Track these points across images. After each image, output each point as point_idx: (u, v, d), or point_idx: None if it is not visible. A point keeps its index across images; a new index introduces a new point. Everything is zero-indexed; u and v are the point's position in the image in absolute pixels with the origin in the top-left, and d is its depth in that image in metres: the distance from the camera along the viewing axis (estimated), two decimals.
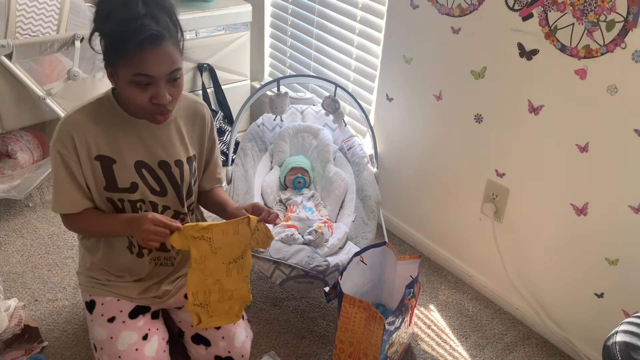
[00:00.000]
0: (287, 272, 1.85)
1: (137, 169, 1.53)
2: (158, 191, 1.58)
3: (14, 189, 2.37)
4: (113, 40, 1.34)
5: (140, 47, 1.31)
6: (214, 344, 1.66)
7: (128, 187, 1.53)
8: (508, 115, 1.94)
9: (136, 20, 1.30)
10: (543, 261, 2.00)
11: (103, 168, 1.50)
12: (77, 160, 1.48)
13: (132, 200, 1.55)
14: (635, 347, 1.26)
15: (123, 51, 1.32)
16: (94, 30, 1.39)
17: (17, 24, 2.15)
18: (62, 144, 1.46)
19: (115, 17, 1.31)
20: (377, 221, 2.08)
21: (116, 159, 1.50)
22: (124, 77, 1.36)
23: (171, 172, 1.58)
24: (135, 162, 1.53)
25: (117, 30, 1.31)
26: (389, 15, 2.26)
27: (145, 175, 1.55)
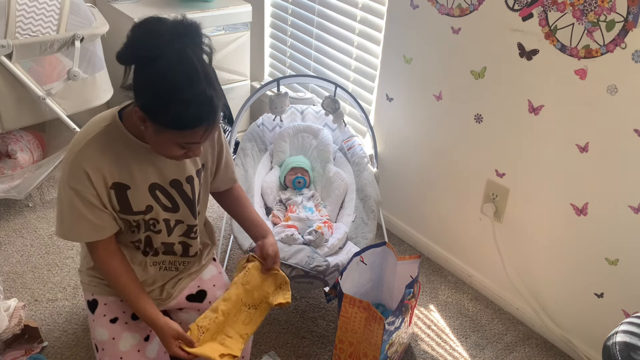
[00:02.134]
0: (287, 272, 1.85)
1: (151, 192, 1.51)
2: (170, 208, 1.56)
3: (14, 189, 2.37)
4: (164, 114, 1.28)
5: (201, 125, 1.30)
6: None
7: (143, 210, 1.51)
8: (508, 115, 1.94)
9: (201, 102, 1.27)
10: (543, 261, 2.00)
11: (117, 195, 1.46)
12: (95, 193, 1.42)
13: (146, 220, 1.53)
14: (635, 347, 1.26)
15: (181, 125, 1.29)
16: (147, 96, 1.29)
17: (17, 24, 2.15)
18: (77, 181, 1.40)
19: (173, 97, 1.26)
20: (377, 221, 2.08)
21: (130, 185, 1.47)
22: (168, 138, 1.33)
23: (183, 190, 1.56)
24: (149, 186, 1.50)
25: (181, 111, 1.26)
26: (389, 15, 2.26)
27: (159, 196, 1.52)
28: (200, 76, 1.26)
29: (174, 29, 1.27)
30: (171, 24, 1.27)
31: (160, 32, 1.26)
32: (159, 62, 1.25)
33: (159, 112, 1.28)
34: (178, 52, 1.25)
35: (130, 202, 1.48)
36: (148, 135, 1.37)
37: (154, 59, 1.25)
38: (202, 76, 1.27)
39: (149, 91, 1.28)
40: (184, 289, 1.70)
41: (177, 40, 1.26)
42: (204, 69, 1.28)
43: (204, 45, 1.32)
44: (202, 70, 1.27)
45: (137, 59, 1.28)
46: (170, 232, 1.59)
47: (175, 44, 1.25)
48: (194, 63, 1.26)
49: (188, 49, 1.26)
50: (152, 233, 1.57)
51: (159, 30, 1.26)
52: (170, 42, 1.25)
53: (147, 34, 1.27)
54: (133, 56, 1.29)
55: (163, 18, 1.30)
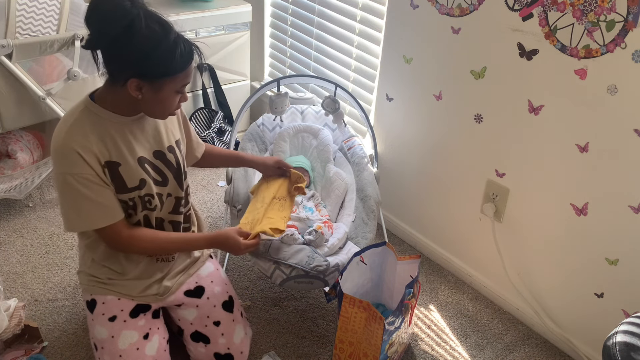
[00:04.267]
0: (287, 272, 1.85)
1: (141, 165, 1.54)
2: (160, 181, 1.60)
3: (14, 189, 2.37)
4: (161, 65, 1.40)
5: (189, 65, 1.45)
6: (213, 341, 1.67)
7: (137, 185, 1.54)
8: (508, 115, 1.94)
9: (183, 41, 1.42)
10: (543, 261, 2.00)
11: (111, 174, 1.49)
12: (93, 171, 1.45)
13: (141, 196, 1.56)
14: (635, 347, 1.26)
15: (174, 70, 1.42)
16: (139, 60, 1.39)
17: (17, 24, 2.15)
18: (72, 164, 1.43)
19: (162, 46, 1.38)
20: (377, 221, 2.08)
21: (120, 161, 1.50)
22: (170, 89, 1.45)
23: (167, 160, 1.61)
24: (138, 159, 1.54)
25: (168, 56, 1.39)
26: (389, 15, 2.26)
27: (148, 169, 1.56)
28: (167, 22, 1.41)
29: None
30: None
31: (117, 5, 1.34)
32: (134, 27, 1.34)
33: (155, 67, 1.39)
34: (141, 10, 1.36)
35: (124, 179, 1.52)
36: (147, 100, 1.45)
37: (128, 26, 1.34)
38: (165, 21, 1.41)
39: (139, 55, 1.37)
40: (182, 285, 1.70)
41: (134, 5, 1.36)
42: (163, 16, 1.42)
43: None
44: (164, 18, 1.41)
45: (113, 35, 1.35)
46: (162, 206, 1.63)
47: (133, 7, 1.35)
48: (158, 14, 1.40)
49: (144, 7, 1.38)
50: (149, 211, 1.60)
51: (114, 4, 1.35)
52: (130, 6, 1.35)
53: (110, 11, 1.35)
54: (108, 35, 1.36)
55: None
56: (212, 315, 1.69)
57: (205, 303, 1.70)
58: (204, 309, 1.69)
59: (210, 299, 1.71)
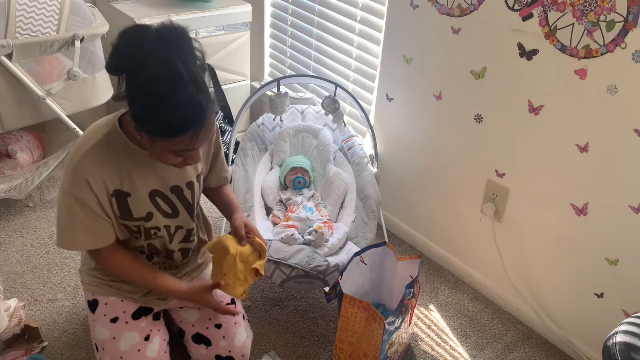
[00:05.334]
0: (287, 272, 1.85)
1: (151, 199, 1.51)
2: (170, 214, 1.56)
3: (14, 189, 2.37)
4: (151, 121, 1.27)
5: (189, 131, 1.28)
6: (214, 343, 1.66)
7: (144, 217, 1.52)
8: (508, 115, 1.94)
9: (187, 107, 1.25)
10: (543, 261, 2.00)
11: (118, 202, 1.46)
12: (97, 200, 1.43)
13: (147, 227, 1.54)
14: (635, 348, 1.26)
15: (162, 132, 1.28)
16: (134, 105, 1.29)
17: (17, 24, 2.15)
18: (79, 189, 1.40)
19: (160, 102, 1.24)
20: (377, 221, 2.08)
21: (130, 192, 1.47)
22: (162, 147, 1.32)
23: (183, 195, 1.56)
24: (149, 192, 1.50)
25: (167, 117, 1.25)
26: (389, 15, 2.26)
27: (159, 203, 1.53)
28: (185, 81, 1.23)
29: (157, 36, 1.25)
30: (154, 31, 1.26)
31: (143, 40, 1.25)
32: (143, 71, 1.23)
33: (146, 120, 1.27)
34: (161, 58, 1.23)
35: (131, 209, 1.49)
36: (145, 144, 1.37)
37: (138, 67, 1.24)
38: (187, 81, 1.24)
39: (137, 100, 1.28)
40: None
41: (160, 47, 1.24)
42: (191, 73, 1.25)
43: (193, 49, 1.29)
44: (188, 75, 1.24)
45: (123, 68, 1.28)
46: (172, 238, 1.60)
47: (159, 50, 1.24)
48: (178, 68, 1.23)
49: (173, 54, 1.24)
50: (153, 241, 1.58)
51: (141, 38, 1.25)
52: (153, 50, 1.24)
53: (130, 43, 1.26)
54: (119, 66, 1.28)
55: (147, 25, 1.29)
56: (213, 318, 1.69)
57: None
58: (206, 311, 1.69)
59: None
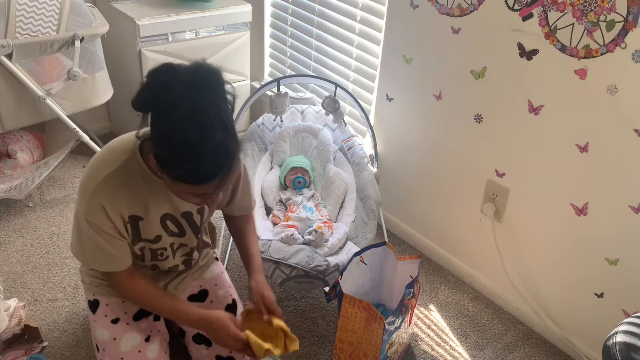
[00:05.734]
0: (287, 272, 1.85)
1: (162, 222, 1.50)
2: (177, 233, 1.55)
3: (14, 189, 2.37)
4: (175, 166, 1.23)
5: (216, 179, 1.25)
6: (214, 343, 1.66)
7: (152, 239, 1.51)
8: (508, 115, 1.94)
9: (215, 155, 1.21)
10: (543, 261, 2.00)
11: (131, 226, 1.46)
12: (112, 225, 1.41)
13: (152, 249, 1.53)
14: (635, 348, 1.26)
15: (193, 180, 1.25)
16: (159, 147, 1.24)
17: (17, 24, 2.15)
18: (95, 216, 1.39)
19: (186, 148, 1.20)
20: (377, 221, 2.08)
21: (143, 216, 1.45)
22: (183, 189, 1.29)
23: (193, 220, 1.56)
24: (161, 217, 1.48)
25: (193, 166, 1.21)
26: (389, 15, 2.26)
27: (168, 225, 1.52)
28: (214, 128, 1.20)
29: (189, 78, 1.21)
30: (186, 74, 1.21)
31: (174, 83, 1.20)
32: (172, 116, 1.19)
33: (171, 165, 1.24)
34: (192, 104, 1.19)
35: (141, 231, 1.47)
36: (165, 182, 1.34)
37: (167, 110, 1.20)
38: (217, 127, 1.20)
39: (162, 144, 1.24)
40: (186, 289, 1.70)
41: (191, 92, 1.19)
42: (220, 118, 1.21)
43: (225, 91, 1.25)
44: (218, 121, 1.21)
45: (150, 108, 1.24)
46: (174, 255, 1.59)
47: (190, 94, 1.19)
48: (208, 115, 1.19)
49: (204, 99, 1.20)
50: (158, 261, 1.58)
51: (172, 80, 1.21)
52: (184, 93, 1.19)
53: (161, 83, 1.21)
54: (147, 107, 1.24)
55: (178, 66, 1.24)
56: None
57: (208, 306, 1.69)
58: None
59: (213, 303, 1.70)
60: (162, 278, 1.67)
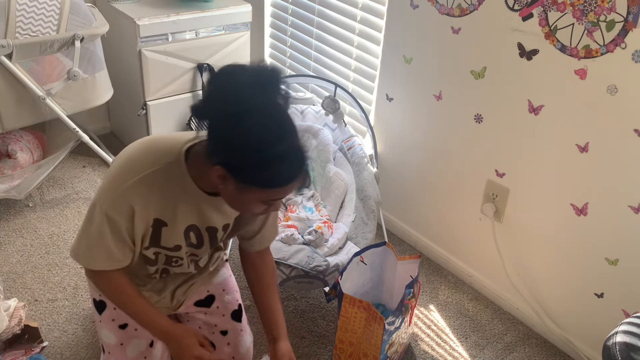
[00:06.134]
0: (287, 272, 1.85)
1: (185, 233, 1.41)
2: (195, 245, 1.47)
3: (14, 189, 2.37)
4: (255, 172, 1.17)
5: (297, 179, 1.21)
6: (218, 348, 1.65)
7: (171, 248, 1.42)
8: (508, 115, 1.94)
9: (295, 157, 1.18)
10: (543, 261, 2.00)
11: (153, 230, 1.36)
12: (131, 227, 1.32)
13: (168, 255, 1.44)
14: (635, 348, 1.26)
15: (266, 183, 1.19)
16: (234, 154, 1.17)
17: (17, 24, 2.15)
18: (118, 212, 1.29)
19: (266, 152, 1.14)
20: (377, 221, 2.08)
21: (168, 223, 1.36)
22: (254, 196, 1.23)
23: (215, 236, 1.47)
24: (186, 227, 1.40)
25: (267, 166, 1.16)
26: (389, 15, 2.26)
27: (190, 236, 1.43)
28: (289, 128, 1.17)
29: (255, 80, 1.16)
30: (254, 73, 1.17)
31: (243, 85, 1.15)
32: (246, 118, 1.13)
33: (247, 171, 1.17)
34: (266, 105, 1.15)
35: (162, 238, 1.39)
36: (227, 193, 1.25)
37: (240, 114, 1.13)
38: (290, 127, 1.17)
39: (235, 149, 1.16)
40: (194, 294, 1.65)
41: (262, 92, 1.15)
42: (290, 118, 1.18)
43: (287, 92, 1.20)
44: (289, 121, 1.17)
45: (219, 114, 1.16)
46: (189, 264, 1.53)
47: (261, 95, 1.15)
48: (283, 116, 1.16)
49: (274, 99, 1.16)
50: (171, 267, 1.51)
51: (240, 82, 1.16)
52: (256, 95, 1.14)
53: (229, 89, 1.15)
54: (215, 111, 1.17)
55: (242, 66, 1.19)
56: (220, 324, 1.66)
57: (214, 312, 1.66)
58: (213, 318, 1.66)
59: (219, 308, 1.66)
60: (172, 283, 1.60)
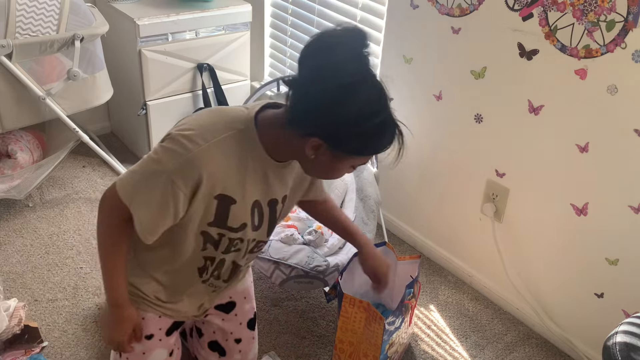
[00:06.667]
0: (287, 272, 1.85)
1: (251, 209, 1.34)
2: (257, 226, 1.39)
3: (14, 189, 2.37)
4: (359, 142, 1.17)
5: (383, 150, 1.23)
6: (229, 355, 1.65)
7: (236, 227, 1.34)
8: (508, 115, 1.94)
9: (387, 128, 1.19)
10: (543, 261, 2.00)
11: (219, 206, 1.28)
12: (190, 196, 1.23)
13: (232, 237, 1.36)
14: (635, 348, 1.26)
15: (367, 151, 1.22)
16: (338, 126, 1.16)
17: (17, 24, 2.15)
18: (184, 178, 1.20)
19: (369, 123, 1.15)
20: (377, 221, 2.08)
21: (237, 199, 1.29)
22: (349, 163, 1.24)
23: (275, 209, 1.40)
24: (252, 202, 1.34)
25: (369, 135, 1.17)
26: (389, 15, 2.26)
27: (255, 214, 1.36)
28: (387, 97, 1.15)
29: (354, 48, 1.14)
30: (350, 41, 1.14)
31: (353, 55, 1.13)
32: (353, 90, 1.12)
33: (348, 141, 1.17)
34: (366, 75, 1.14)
35: (229, 217, 1.31)
36: (316, 162, 1.22)
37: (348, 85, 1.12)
38: (387, 96, 1.15)
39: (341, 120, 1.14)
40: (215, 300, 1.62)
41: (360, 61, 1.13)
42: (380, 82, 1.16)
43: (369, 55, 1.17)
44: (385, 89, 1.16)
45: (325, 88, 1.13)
46: (245, 253, 1.44)
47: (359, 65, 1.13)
48: (381, 84, 1.15)
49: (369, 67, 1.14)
50: (228, 255, 1.41)
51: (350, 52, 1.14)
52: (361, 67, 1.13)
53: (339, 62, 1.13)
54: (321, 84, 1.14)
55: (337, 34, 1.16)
56: (235, 332, 1.66)
57: (232, 319, 1.65)
58: (230, 325, 1.65)
59: (237, 316, 1.66)
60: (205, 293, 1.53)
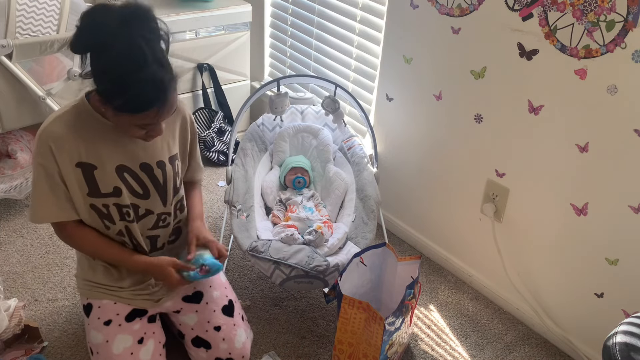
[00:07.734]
0: (287, 272, 1.85)
1: (118, 174, 1.53)
2: (141, 194, 1.58)
3: (14, 189, 2.37)
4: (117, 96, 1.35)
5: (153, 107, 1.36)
6: (214, 346, 1.66)
7: (111, 192, 1.53)
8: (508, 115, 1.94)
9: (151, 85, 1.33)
10: (543, 261, 2.00)
11: (85, 175, 1.49)
12: (58, 170, 1.47)
13: (118, 204, 1.55)
14: (635, 348, 1.26)
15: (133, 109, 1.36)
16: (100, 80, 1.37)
17: (17, 24, 2.15)
18: (43, 156, 1.45)
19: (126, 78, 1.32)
20: (377, 221, 2.08)
21: (97, 164, 1.50)
22: (126, 120, 1.40)
23: (154, 175, 1.58)
24: (116, 167, 1.52)
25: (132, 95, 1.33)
26: (389, 15, 2.26)
27: (128, 179, 1.55)
28: (148, 60, 1.31)
29: (121, 16, 1.32)
30: (118, 11, 1.33)
31: (107, 20, 1.31)
32: (108, 50, 1.31)
33: (112, 97, 1.35)
34: (125, 38, 1.30)
35: (98, 183, 1.51)
36: (109, 117, 1.45)
37: (103, 47, 1.31)
38: (150, 60, 1.31)
39: (102, 77, 1.35)
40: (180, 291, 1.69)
41: (124, 27, 1.31)
42: (154, 52, 1.33)
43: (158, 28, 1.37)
44: (152, 54, 1.32)
45: (88, 48, 1.35)
46: (138, 219, 1.61)
47: (123, 31, 1.31)
48: (142, 48, 1.31)
49: (137, 34, 1.31)
50: (128, 222, 1.59)
51: (106, 18, 1.32)
52: (117, 30, 1.30)
53: (94, 23, 1.33)
54: (84, 45, 1.35)
55: (110, 5, 1.35)
56: (212, 320, 1.68)
57: (204, 308, 1.69)
58: (204, 314, 1.69)
59: (209, 304, 1.70)
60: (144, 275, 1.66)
